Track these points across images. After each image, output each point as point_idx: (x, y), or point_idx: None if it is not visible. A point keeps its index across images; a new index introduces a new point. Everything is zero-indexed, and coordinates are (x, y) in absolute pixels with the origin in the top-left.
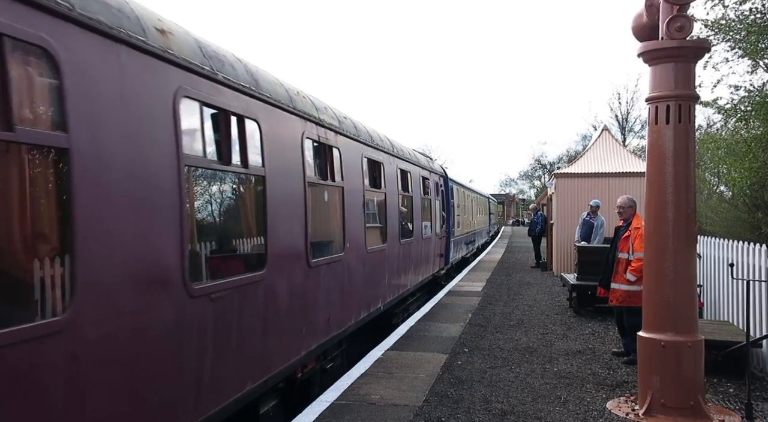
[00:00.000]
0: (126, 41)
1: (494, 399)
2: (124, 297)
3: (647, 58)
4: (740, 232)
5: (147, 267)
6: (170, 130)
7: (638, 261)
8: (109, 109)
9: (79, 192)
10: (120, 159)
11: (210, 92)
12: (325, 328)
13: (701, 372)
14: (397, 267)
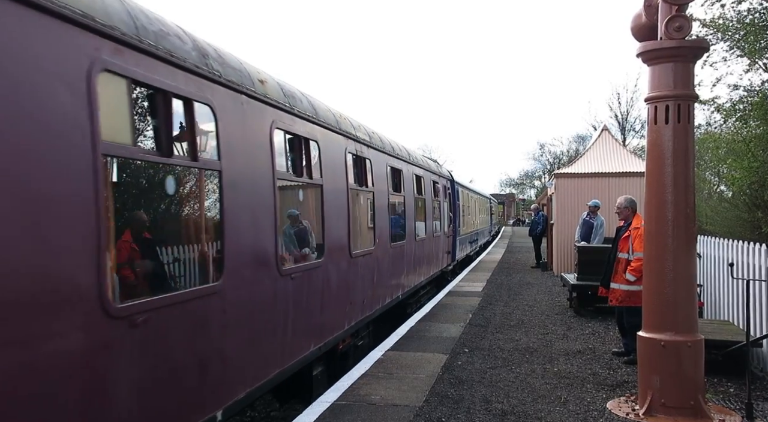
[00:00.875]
0: (245, 92)
1: (494, 399)
2: (247, 273)
3: (646, 58)
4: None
5: (258, 254)
6: (268, 153)
7: (638, 261)
8: (237, 141)
9: (226, 199)
10: (245, 176)
11: (289, 123)
12: (361, 309)
13: (701, 371)
14: (414, 261)
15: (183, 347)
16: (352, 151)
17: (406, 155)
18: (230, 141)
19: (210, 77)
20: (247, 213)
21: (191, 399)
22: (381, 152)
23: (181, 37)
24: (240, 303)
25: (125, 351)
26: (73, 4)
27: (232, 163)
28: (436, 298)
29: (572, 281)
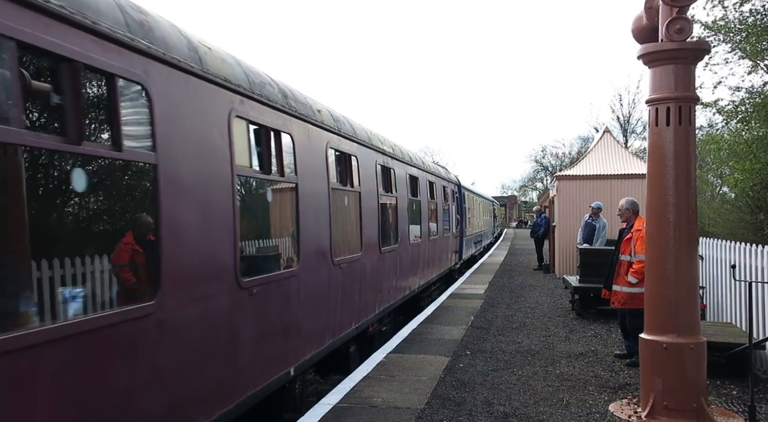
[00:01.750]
0: (309, 121)
1: (496, 401)
2: (312, 262)
3: (647, 60)
4: (743, 233)
5: (319, 248)
6: (324, 168)
7: (639, 263)
8: (306, 161)
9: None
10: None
11: (337, 143)
12: (387, 298)
13: (704, 374)
14: (427, 258)
15: (277, 313)
16: (381, 162)
17: (421, 164)
18: (302, 161)
19: (290, 113)
20: (312, 216)
21: (280, 353)
22: (402, 162)
23: (271, 84)
24: (308, 284)
25: (247, 311)
26: (222, 73)
27: (304, 178)
28: (438, 300)
29: (574, 283)
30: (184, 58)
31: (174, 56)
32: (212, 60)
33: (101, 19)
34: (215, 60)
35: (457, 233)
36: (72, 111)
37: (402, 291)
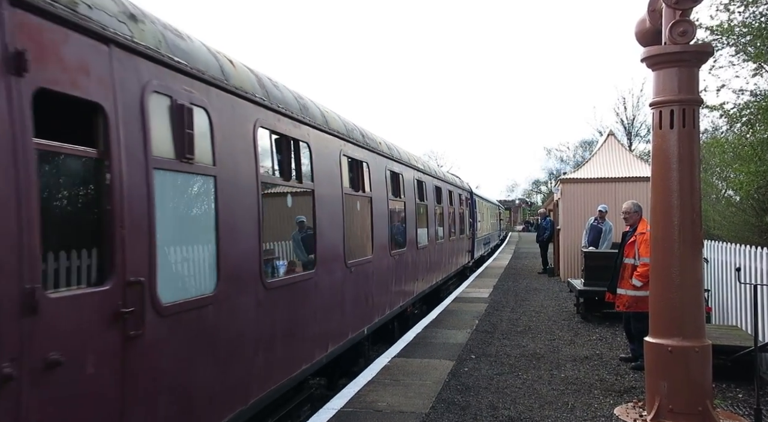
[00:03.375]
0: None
1: (501, 405)
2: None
3: (651, 63)
4: (748, 236)
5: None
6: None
7: (644, 267)
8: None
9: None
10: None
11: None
12: (420, 285)
13: (709, 377)
14: (448, 256)
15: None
16: (416, 177)
17: (443, 175)
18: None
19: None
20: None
21: (360, 315)
22: (430, 176)
23: (362, 133)
24: (380, 268)
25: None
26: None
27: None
28: (442, 304)
29: (579, 287)
30: (317, 123)
31: (318, 124)
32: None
33: (294, 110)
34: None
35: (470, 235)
36: (286, 162)
37: (429, 282)
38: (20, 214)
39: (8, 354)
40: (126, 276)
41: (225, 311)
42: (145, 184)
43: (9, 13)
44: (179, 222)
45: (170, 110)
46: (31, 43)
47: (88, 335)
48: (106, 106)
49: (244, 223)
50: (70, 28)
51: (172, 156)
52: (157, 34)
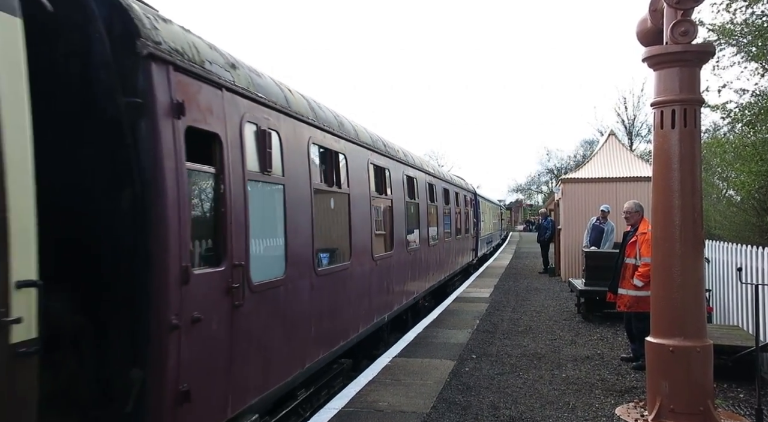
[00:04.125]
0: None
1: (502, 405)
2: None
3: (652, 63)
4: (749, 236)
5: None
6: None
7: (645, 267)
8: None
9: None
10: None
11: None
12: (431, 280)
13: (710, 377)
14: (455, 253)
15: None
16: (430, 181)
17: (450, 178)
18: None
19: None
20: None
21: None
22: (440, 179)
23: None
24: (400, 262)
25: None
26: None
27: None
28: (443, 304)
29: (580, 286)
30: (349, 136)
31: (351, 137)
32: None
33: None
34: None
35: (474, 234)
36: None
37: (438, 277)
38: (180, 215)
39: (174, 310)
40: (233, 261)
41: (291, 291)
42: (242, 192)
43: (174, 76)
44: (261, 221)
45: (256, 134)
46: (184, 95)
47: (213, 302)
48: (221, 134)
49: (302, 222)
50: (202, 81)
51: (258, 169)
52: (247, 76)
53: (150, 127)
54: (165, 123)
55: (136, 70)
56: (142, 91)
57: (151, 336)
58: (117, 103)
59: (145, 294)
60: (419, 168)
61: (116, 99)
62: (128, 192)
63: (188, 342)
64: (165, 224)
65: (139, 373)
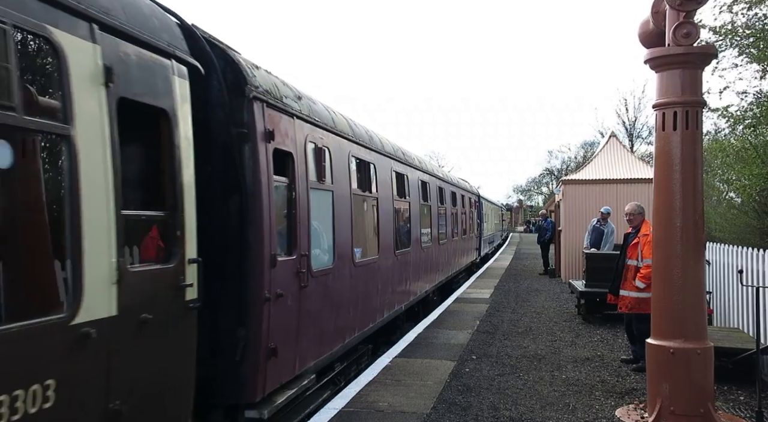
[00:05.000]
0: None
1: (502, 406)
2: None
3: (654, 65)
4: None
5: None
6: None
7: (647, 268)
8: (383, 181)
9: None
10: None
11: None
12: (440, 275)
13: (711, 379)
14: (460, 252)
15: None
16: (441, 185)
17: (456, 182)
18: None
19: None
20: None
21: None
22: (449, 183)
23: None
24: (417, 258)
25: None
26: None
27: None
28: (443, 305)
29: (580, 288)
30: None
31: (378, 149)
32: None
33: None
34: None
35: (477, 234)
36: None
37: (446, 273)
38: (270, 216)
39: (266, 287)
40: (301, 251)
41: (337, 278)
42: (306, 198)
43: (266, 111)
44: (317, 221)
45: (314, 151)
46: (272, 125)
47: (289, 282)
48: (293, 152)
49: (345, 222)
50: (282, 112)
51: (315, 179)
52: (308, 104)
53: (251, 150)
54: (261, 147)
55: (242, 108)
56: (246, 123)
57: (250, 305)
58: (229, 132)
59: (247, 273)
60: (431, 173)
61: (229, 129)
62: (235, 198)
63: (274, 312)
64: (260, 222)
65: (243, 332)
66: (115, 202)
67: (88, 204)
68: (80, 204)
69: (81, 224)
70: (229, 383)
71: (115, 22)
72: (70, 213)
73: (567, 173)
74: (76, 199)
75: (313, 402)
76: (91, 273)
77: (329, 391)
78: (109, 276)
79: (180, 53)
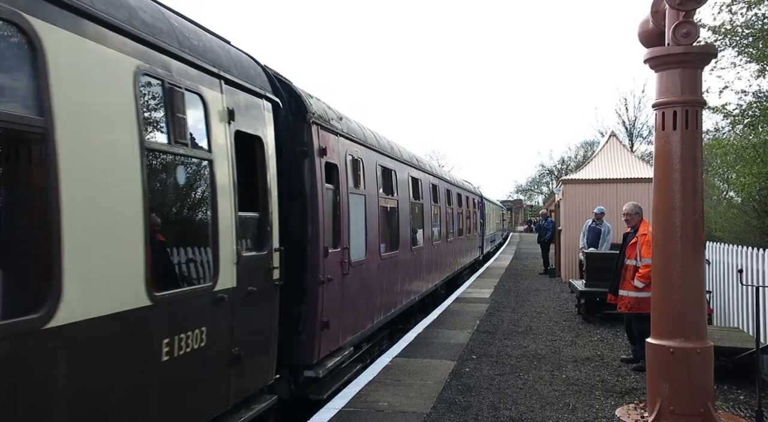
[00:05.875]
0: (395, 158)
1: (502, 406)
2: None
3: (653, 64)
4: (750, 238)
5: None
6: (408, 187)
7: (645, 268)
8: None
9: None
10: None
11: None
12: (448, 270)
13: (711, 379)
14: (465, 249)
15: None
16: (447, 188)
17: (462, 184)
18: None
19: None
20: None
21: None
22: (456, 186)
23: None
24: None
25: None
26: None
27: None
28: (443, 305)
29: (580, 287)
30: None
31: (401, 157)
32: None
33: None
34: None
35: (480, 233)
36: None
37: (453, 269)
38: (323, 215)
39: (321, 272)
40: (343, 245)
41: (368, 269)
42: (347, 202)
43: (320, 132)
44: (353, 221)
45: (351, 162)
46: (324, 143)
47: (335, 270)
48: (337, 164)
49: (374, 221)
50: (330, 132)
51: (353, 185)
52: (347, 123)
53: (310, 164)
54: (316, 161)
55: (303, 130)
56: (306, 142)
57: (310, 286)
58: (293, 150)
59: (308, 261)
60: (440, 177)
61: (293, 147)
62: (298, 201)
63: (326, 293)
64: (317, 221)
65: (304, 308)
66: (235, 206)
67: (222, 207)
68: (217, 208)
69: (218, 222)
70: (293, 348)
71: (232, 77)
72: (212, 214)
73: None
74: (215, 204)
75: (349, 373)
76: (223, 256)
77: (360, 365)
78: (232, 258)
79: (268, 93)
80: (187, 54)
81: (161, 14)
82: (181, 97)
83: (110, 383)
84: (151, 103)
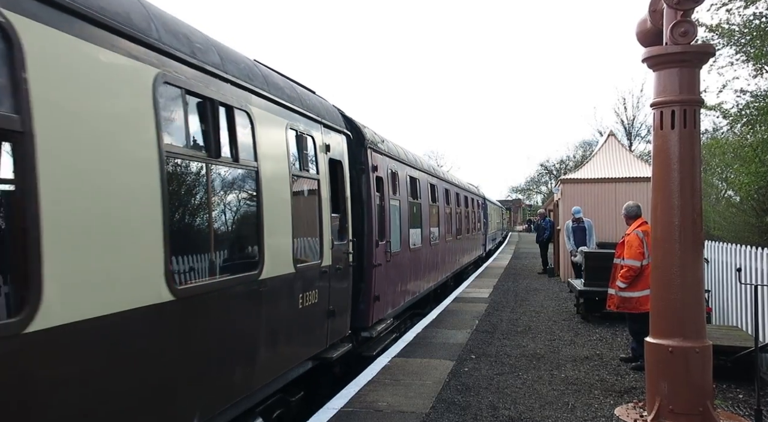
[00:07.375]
0: (401, 161)
1: (501, 405)
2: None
3: (652, 64)
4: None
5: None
6: (428, 191)
7: (625, 268)
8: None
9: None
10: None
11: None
12: (456, 265)
13: (710, 377)
14: (471, 246)
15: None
16: (457, 192)
17: (466, 185)
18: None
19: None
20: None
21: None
22: (460, 188)
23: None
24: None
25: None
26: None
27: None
28: (442, 304)
29: (579, 287)
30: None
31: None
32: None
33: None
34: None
35: (483, 231)
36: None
37: (460, 263)
38: (375, 217)
39: (373, 258)
40: (387, 239)
41: (402, 259)
42: (389, 206)
43: (373, 154)
44: (392, 220)
45: (391, 175)
46: (375, 162)
47: (382, 257)
48: (383, 177)
49: (405, 220)
50: (378, 153)
51: (392, 193)
52: (388, 144)
53: (366, 178)
54: (370, 176)
55: (361, 154)
56: (363, 162)
57: (367, 268)
58: (355, 168)
59: (365, 250)
60: (450, 182)
61: (355, 166)
62: (358, 206)
63: (377, 274)
64: (371, 220)
65: (363, 285)
66: (329, 209)
67: (324, 210)
68: (322, 211)
69: (323, 220)
70: (354, 314)
71: (327, 121)
72: (319, 215)
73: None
74: (320, 208)
75: (388, 339)
76: (326, 243)
77: (395, 335)
78: (329, 245)
79: (344, 130)
80: (306, 111)
81: (295, 91)
82: (304, 140)
83: (278, 321)
84: (291, 145)
